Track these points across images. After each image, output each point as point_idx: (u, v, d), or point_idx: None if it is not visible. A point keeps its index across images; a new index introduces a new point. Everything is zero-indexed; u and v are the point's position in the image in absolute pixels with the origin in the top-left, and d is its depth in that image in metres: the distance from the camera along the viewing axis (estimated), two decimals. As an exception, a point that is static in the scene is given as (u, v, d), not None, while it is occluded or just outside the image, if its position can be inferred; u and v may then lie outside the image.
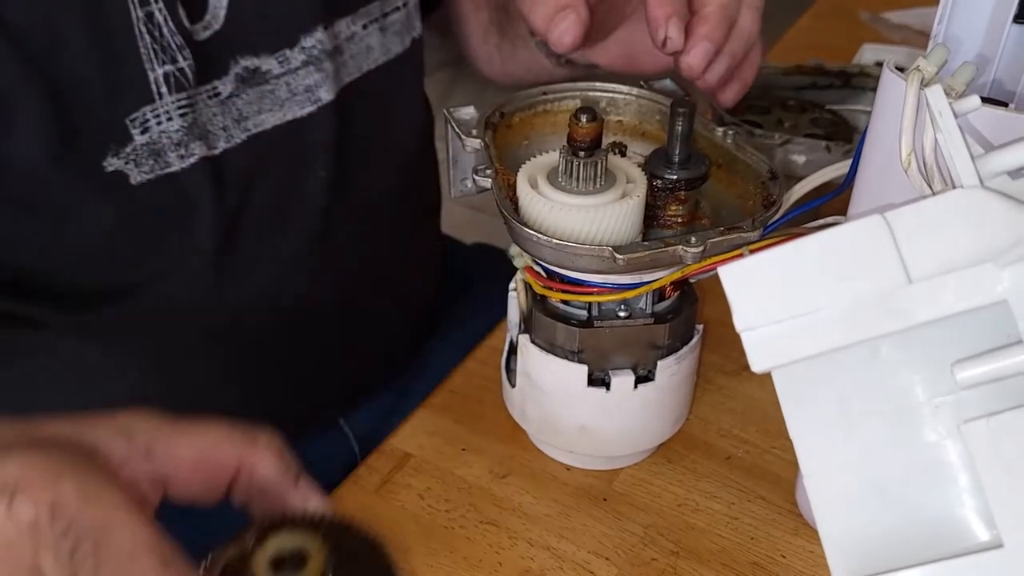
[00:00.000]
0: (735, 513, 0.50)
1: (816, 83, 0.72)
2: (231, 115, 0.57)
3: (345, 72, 0.63)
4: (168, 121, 0.54)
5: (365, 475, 0.53)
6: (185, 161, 0.56)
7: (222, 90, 0.56)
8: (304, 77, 0.60)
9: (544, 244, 0.42)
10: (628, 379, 0.48)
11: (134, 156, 0.54)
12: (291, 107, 0.60)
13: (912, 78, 0.34)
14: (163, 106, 0.54)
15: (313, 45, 0.60)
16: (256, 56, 0.57)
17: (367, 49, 0.65)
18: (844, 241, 0.26)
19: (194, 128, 0.55)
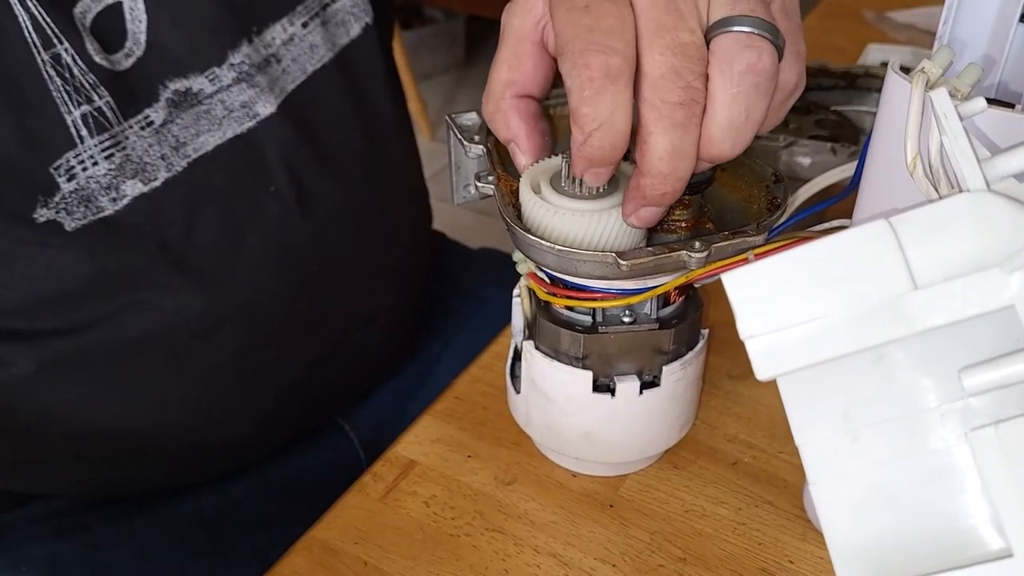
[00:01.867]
0: (742, 519, 0.50)
1: (821, 84, 0.72)
2: (168, 143, 0.55)
3: (287, 79, 0.61)
4: (94, 166, 0.52)
5: (370, 483, 0.52)
6: (118, 204, 0.54)
7: (155, 118, 0.54)
8: (238, 94, 0.58)
9: (547, 250, 0.42)
10: (633, 385, 0.48)
11: (64, 205, 0.52)
12: (230, 124, 0.58)
13: (917, 80, 0.33)
14: (86, 150, 0.52)
15: (241, 61, 0.58)
16: (185, 77, 0.56)
17: (311, 48, 0.62)
18: (849, 247, 0.26)
19: (126, 167, 0.54)
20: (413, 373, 0.81)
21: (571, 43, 0.36)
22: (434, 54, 2.70)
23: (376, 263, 0.72)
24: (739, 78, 0.36)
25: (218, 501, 0.69)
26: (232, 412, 0.64)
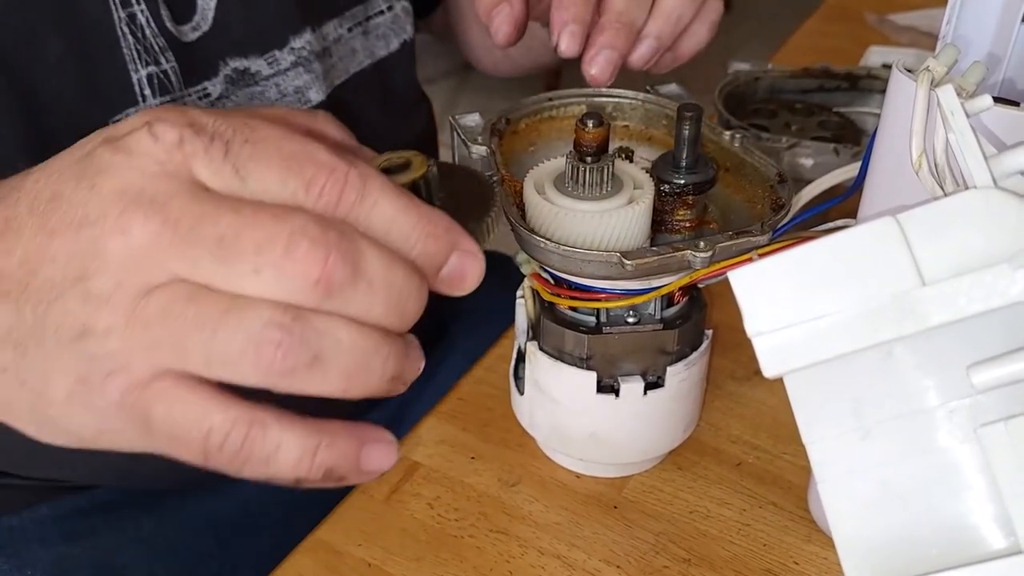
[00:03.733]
0: (747, 520, 0.50)
1: (823, 86, 0.72)
2: None
3: (335, 74, 0.63)
4: None
5: (374, 485, 0.52)
6: None
7: (212, 91, 0.56)
8: (294, 78, 0.60)
9: (551, 250, 0.42)
10: (638, 386, 0.48)
11: None
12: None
13: (922, 78, 0.33)
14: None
15: (302, 46, 0.60)
16: (245, 57, 0.57)
17: (352, 52, 0.65)
18: (856, 244, 0.26)
19: None
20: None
21: None
22: (436, 59, 2.70)
23: None
24: None
25: (225, 504, 0.69)
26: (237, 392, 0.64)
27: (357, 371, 0.28)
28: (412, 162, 0.33)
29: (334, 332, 0.27)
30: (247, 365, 0.27)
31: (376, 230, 0.29)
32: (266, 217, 0.27)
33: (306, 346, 0.27)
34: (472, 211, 0.33)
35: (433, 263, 0.30)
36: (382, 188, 0.29)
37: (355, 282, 0.27)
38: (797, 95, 0.72)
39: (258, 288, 0.27)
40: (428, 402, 0.79)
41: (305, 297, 0.27)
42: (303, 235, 0.27)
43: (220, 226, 0.27)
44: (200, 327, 0.27)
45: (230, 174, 0.28)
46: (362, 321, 0.28)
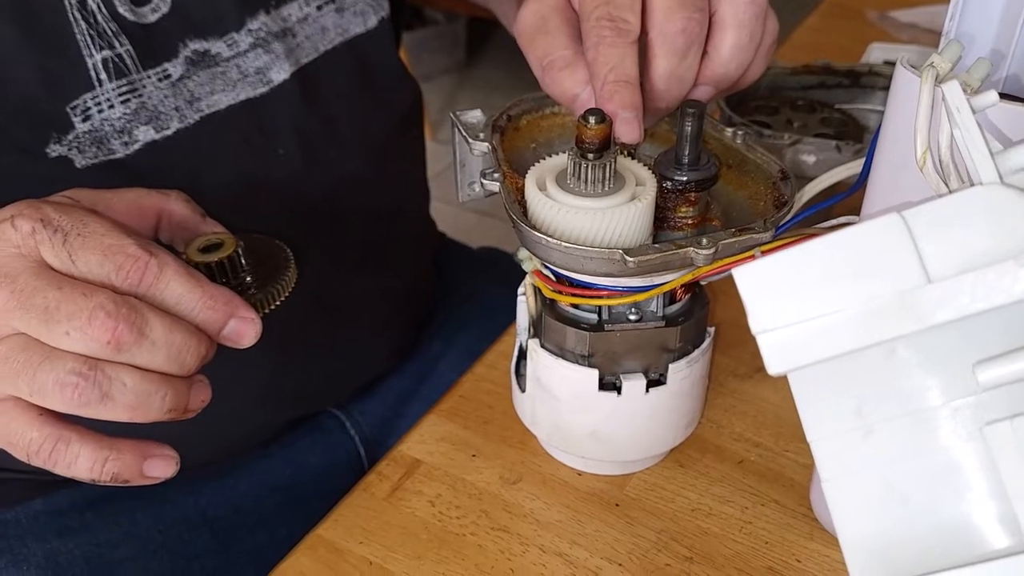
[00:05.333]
0: (749, 517, 0.50)
1: (825, 83, 0.72)
2: (183, 96, 0.58)
3: (301, 53, 0.64)
4: (110, 108, 0.55)
5: (375, 482, 0.52)
6: (129, 148, 0.57)
7: (172, 72, 0.57)
8: (254, 60, 0.61)
9: (553, 247, 0.42)
10: (639, 383, 0.47)
11: (76, 143, 0.55)
12: (243, 88, 0.61)
13: (926, 74, 0.33)
14: (103, 93, 0.55)
15: (259, 27, 0.61)
16: (205, 39, 0.59)
17: (321, 30, 0.65)
18: (861, 240, 0.26)
19: (140, 113, 0.56)
20: (415, 371, 0.81)
21: (591, 12, 0.44)
22: (435, 56, 2.70)
23: (378, 240, 0.73)
24: (745, 7, 0.45)
25: (221, 499, 0.69)
26: (228, 381, 0.64)
27: (139, 406, 0.38)
28: (225, 243, 0.45)
29: (122, 377, 0.38)
30: (56, 399, 0.37)
31: (167, 302, 0.40)
32: (78, 294, 0.37)
33: (98, 388, 0.37)
34: (268, 279, 0.46)
35: (213, 327, 0.41)
36: (175, 273, 0.40)
37: (140, 342, 0.38)
38: (799, 92, 0.71)
39: (68, 344, 0.37)
40: (426, 399, 0.80)
41: (101, 352, 0.37)
42: (101, 309, 0.37)
43: (48, 298, 0.37)
44: (27, 369, 0.37)
45: (65, 257, 0.38)
46: (147, 369, 0.39)
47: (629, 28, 0.44)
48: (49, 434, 0.39)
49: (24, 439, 0.39)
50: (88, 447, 0.39)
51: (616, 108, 0.43)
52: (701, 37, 0.45)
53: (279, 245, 0.48)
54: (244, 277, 0.45)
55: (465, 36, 2.77)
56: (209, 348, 0.41)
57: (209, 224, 0.48)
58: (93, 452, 0.39)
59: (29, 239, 0.38)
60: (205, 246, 0.45)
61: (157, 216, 0.47)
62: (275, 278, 0.45)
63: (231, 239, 0.45)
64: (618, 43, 0.44)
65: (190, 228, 0.47)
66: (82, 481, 0.40)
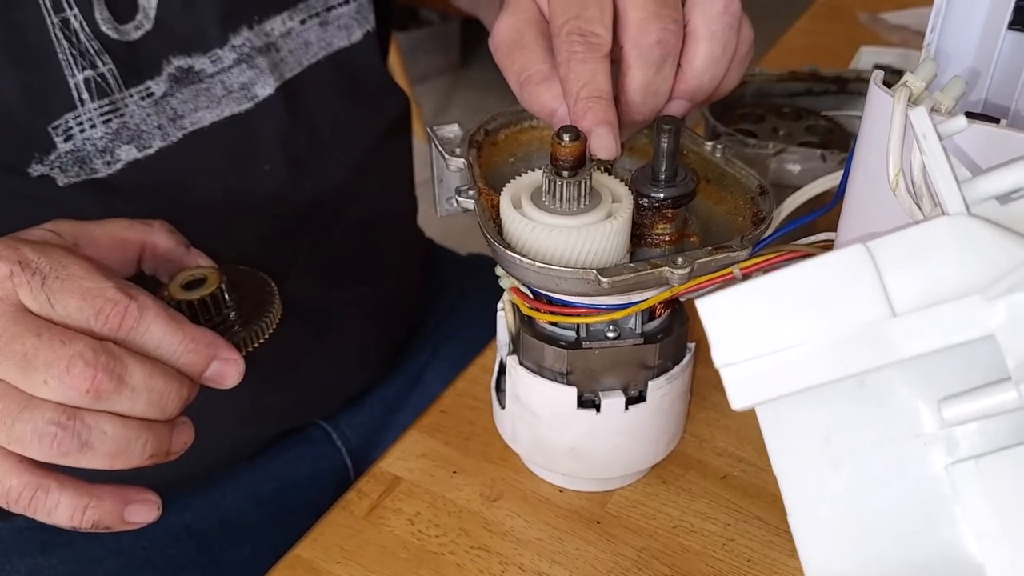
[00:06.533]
0: (731, 535, 0.49)
1: (812, 89, 0.71)
2: (166, 114, 0.58)
3: (285, 68, 0.63)
4: (91, 128, 0.55)
5: (355, 500, 0.52)
6: (112, 167, 0.56)
7: (155, 90, 0.57)
8: (238, 75, 0.60)
9: (528, 267, 0.41)
10: (619, 401, 0.47)
11: (59, 163, 0.55)
12: (228, 104, 0.60)
13: (899, 95, 0.32)
14: (85, 113, 0.54)
15: (242, 43, 0.60)
16: (188, 56, 0.58)
17: (305, 44, 0.65)
18: (825, 272, 0.25)
19: (122, 132, 0.56)
20: (401, 381, 0.80)
21: (561, 28, 0.43)
22: (429, 56, 2.69)
23: (364, 251, 0.72)
24: (717, 18, 0.44)
25: (205, 514, 0.69)
26: (213, 397, 0.64)
27: (119, 453, 0.38)
28: (208, 278, 0.44)
29: (101, 425, 0.38)
30: (34, 449, 0.37)
31: (148, 347, 0.39)
32: (57, 342, 0.37)
33: (77, 437, 0.37)
34: (252, 314, 0.45)
35: (195, 370, 0.41)
36: (155, 317, 0.39)
37: (120, 389, 0.37)
38: (785, 99, 0.71)
39: (46, 393, 0.37)
40: (412, 409, 0.79)
41: (80, 401, 0.37)
42: (80, 358, 0.37)
43: (25, 345, 0.37)
44: (4, 419, 0.37)
45: (44, 301, 0.38)
46: (128, 415, 0.38)
47: (600, 42, 0.43)
48: (28, 482, 0.38)
49: (3, 487, 0.39)
50: (68, 495, 0.39)
51: (590, 125, 0.43)
52: (677, 49, 0.44)
53: (263, 278, 0.48)
54: (228, 313, 0.45)
55: (459, 37, 2.77)
56: (191, 391, 0.41)
57: (193, 255, 0.47)
58: (73, 500, 0.39)
59: (7, 282, 0.38)
60: (188, 282, 0.44)
61: (140, 248, 0.46)
62: (259, 314, 0.45)
63: (214, 274, 0.44)
64: (589, 58, 0.43)
65: (174, 260, 0.47)
66: (63, 528, 0.40)
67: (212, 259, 0.49)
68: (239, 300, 0.45)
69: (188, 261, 0.48)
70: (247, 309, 0.45)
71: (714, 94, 0.47)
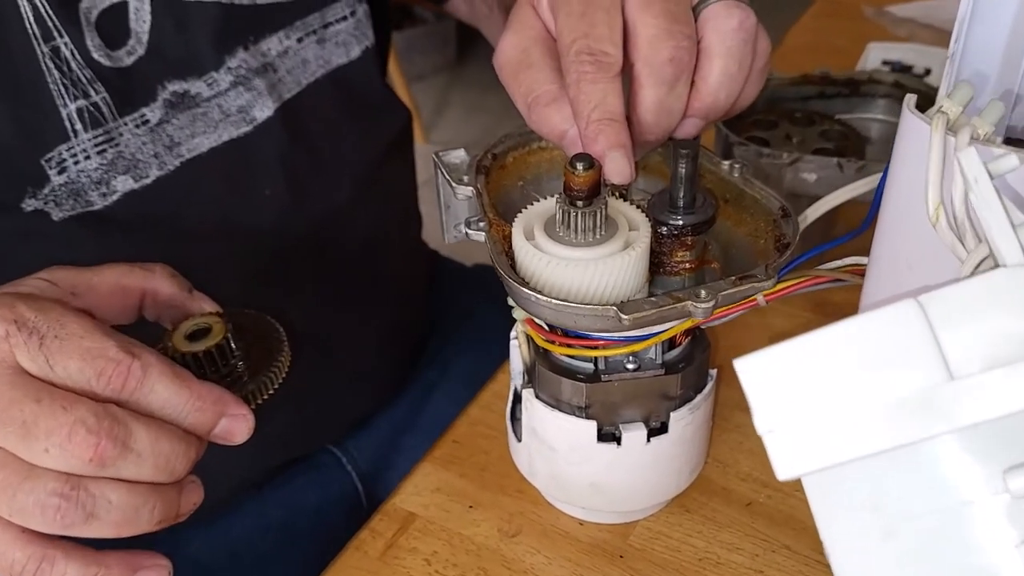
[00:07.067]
0: (759, 566, 0.48)
1: (824, 92, 0.69)
2: (162, 142, 0.56)
3: (284, 88, 0.62)
4: (86, 160, 0.53)
5: (368, 539, 0.50)
6: (108, 199, 0.54)
7: (151, 117, 0.55)
8: (235, 98, 0.59)
9: (543, 304, 0.39)
10: (640, 433, 0.45)
11: (53, 197, 0.53)
12: (226, 128, 0.59)
13: (936, 123, 0.31)
14: (79, 144, 0.53)
15: (238, 65, 0.58)
16: (183, 80, 0.56)
17: (303, 63, 0.63)
18: (874, 331, 0.23)
19: (117, 163, 0.54)
20: (410, 401, 0.79)
21: (569, 47, 0.41)
22: (425, 55, 2.67)
23: (368, 272, 0.71)
24: (732, 34, 0.42)
25: (213, 545, 0.67)
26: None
27: (126, 522, 0.37)
28: (213, 328, 0.42)
29: (106, 494, 0.36)
30: (37, 520, 0.35)
31: (153, 408, 0.37)
32: (58, 408, 0.35)
33: (81, 508, 0.35)
34: (260, 363, 0.43)
35: (203, 429, 0.39)
36: (159, 375, 0.37)
37: (124, 455, 0.36)
38: (797, 103, 0.69)
39: (48, 462, 0.35)
40: (422, 429, 0.77)
41: (83, 469, 0.35)
42: (82, 424, 0.35)
43: (24, 412, 0.35)
44: (5, 490, 0.35)
45: (42, 362, 0.36)
46: (135, 481, 0.37)
47: (610, 61, 0.41)
48: (32, 554, 0.37)
49: (7, 559, 0.37)
50: (74, 564, 0.37)
51: (603, 149, 0.41)
52: (690, 66, 0.42)
53: (271, 323, 0.45)
54: (235, 364, 0.42)
55: (455, 34, 2.74)
56: (199, 450, 0.39)
57: (197, 300, 0.45)
58: (80, 570, 0.37)
59: (3, 343, 0.36)
60: (192, 332, 0.42)
61: (141, 295, 0.45)
62: (267, 363, 0.43)
63: (219, 323, 0.42)
64: (600, 78, 0.41)
65: (176, 305, 0.45)
66: None
67: (216, 302, 0.47)
68: (246, 348, 0.43)
69: (191, 306, 0.45)
70: (255, 357, 0.43)
71: (730, 111, 0.46)
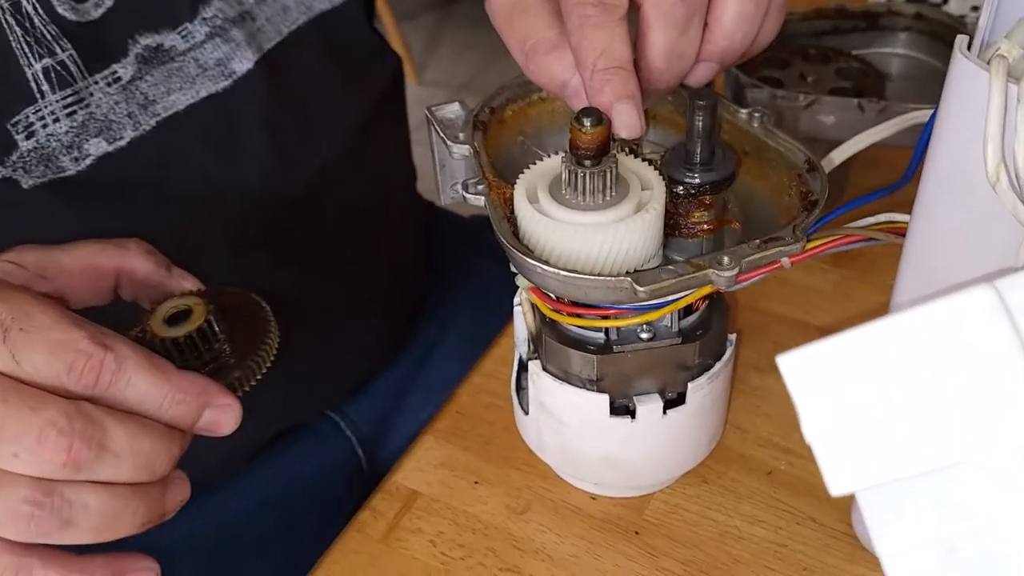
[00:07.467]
0: (783, 539, 0.45)
1: (839, 27, 0.65)
2: (136, 100, 0.52)
3: (264, 38, 0.57)
4: (55, 123, 0.49)
5: (369, 520, 0.47)
6: (80, 163, 0.51)
7: (122, 74, 0.51)
8: (212, 51, 0.54)
9: (551, 276, 0.36)
10: (656, 405, 0.42)
11: (22, 163, 0.49)
12: (204, 83, 0.55)
13: (996, 67, 0.27)
14: (47, 106, 0.49)
15: (214, 15, 0.54)
16: (156, 32, 0.52)
17: (283, 10, 0.59)
18: (943, 322, 0.20)
19: (89, 125, 0.50)
20: (410, 359, 0.76)
21: None
22: (414, -8, 2.59)
23: (362, 232, 0.67)
24: None
25: (207, 524, 0.64)
26: None
27: (106, 527, 0.34)
28: (193, 310, 0.39)
29: (84, 499, 0.33)
30: (10, 530, 0.33)
31: (130, 402, 0.35)
32: (26, 409, 0.32)
33: (57, 515, 0.33)
34: (246, 345, 0.39)
35: (186, 422, 0.36)
36: (135, 368, 0.35)
37: (101, 457, 0.33)
38: (811, 40, 0.65)
39: (17, 467, 0.33)
40: (425, 386, 0.75)
41: (57, 474, 0.33)
42: (52, 426, 0.32)
43: None
44: None
45: (8, 357, 0.33)
46: (114, 483, 0.34)
47: (616, 3, 0.37)
48: (8, 564, 0.34)
49: None
50: (53, 572, 0.35)
51: (611, 99, 0.37)
52: (703, 6, 0.39)
53: (256, 301, 0.42)
54: (219, 348, 0.39)
55: (445, -31, 2.66)
56: (183, 445, 0.36)
57: (176, 277, 0.42)
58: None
59: None
60: (171, 315, 0.39)
61: (116, 275, 0.41)
62: (254, 345, 0.39)
63: (200, 305, 0.39)
64: (604, 22, 0.37)
65: (154, 284, 0.42)
66: None
67: (199, 275, 0.44)
68: (230, 330, 0.40)
69: (170, 284, 0.43)
70: (241, 339, 0.40)
71: (747, 53, 0.42)
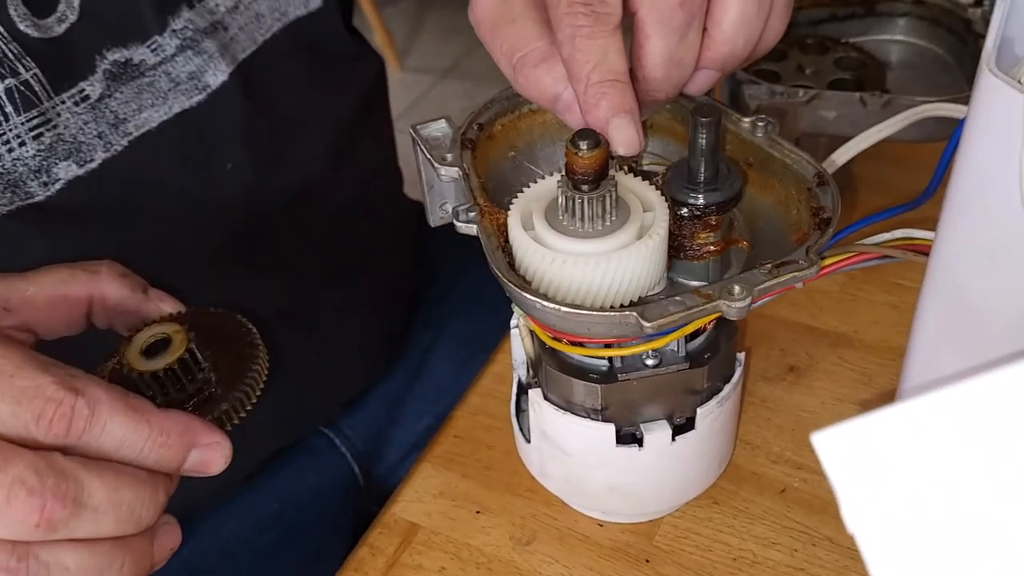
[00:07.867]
0: (799, 563, 0.43)
1: (836, 15, 0.62)
2: (106, 120, 0.50)
3: (238, 48, 0.55)
4: (21, 147, 0.47)
5: (368, 558, 0.45)
6: (50, 188, 0.48)
7: (90, 92, 0.49)
8: (184, 64, 0.52)
9: (550, 312, 0.34)
10: (664, 433, 0.40)
11: None
12: (176, 98, 0.52)
13: (1029, 88, 0.25)
14: (12, 129, 0.46)
15: (184, 27, 0.52)
16: (124, 47, 0.50)
17: (256, 17, 0.56)
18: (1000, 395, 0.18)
19: (57, 147, 0.48)
20: (404, 369, 0.74)
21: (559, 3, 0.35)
22: (394, -25, 2.54)
23: (348, 241, 0.65)
24: None
25: (204, 546, 0.63)
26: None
27: None
28: (173, 339, 0.36)
29: (61, 560, 0.31)
30: None
31: (107, 450, 0.32)
32: None
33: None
34: (234, 372, 0.37)
35: (170, 466, 0.34)
36: (111, 412, 0.32)
37: (78, 514, 0.31)
38: (807, 28, 0.62)
39: None
40: (422, 395, 0.73)
41: (30, 535, 0.30)
42: (21, 485, 0.30)
43: None
44: None
45: None
46: (95, 538, 0.32)
47: (609, 12, 0.35)
48: None
49: None
50: None
51: (607, 115, 0.35)
52: (702, 9, 0.36)
53: (240, 322, 0.39)
54: (203, 378, 0.37)
55: (424, -49, 2.61)
56: (169, 490, 0.34)
57: (153, 300, 0.40)
58: None
59: None
60: (149, 344, 0.36)
61: (88, 302, 0.39)
62: (241, 372, 0.37)
63: (180, 332, 0.36)
64: (597, 32, 0.35)
65: (130, 309, 0.39)
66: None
67: (179, 297, 0.41)
68: (214, 356, 0.37)
69: (147, 308, 0.40)
70: (226, 366, 0.37)
71: (749, 58, 0.39)
